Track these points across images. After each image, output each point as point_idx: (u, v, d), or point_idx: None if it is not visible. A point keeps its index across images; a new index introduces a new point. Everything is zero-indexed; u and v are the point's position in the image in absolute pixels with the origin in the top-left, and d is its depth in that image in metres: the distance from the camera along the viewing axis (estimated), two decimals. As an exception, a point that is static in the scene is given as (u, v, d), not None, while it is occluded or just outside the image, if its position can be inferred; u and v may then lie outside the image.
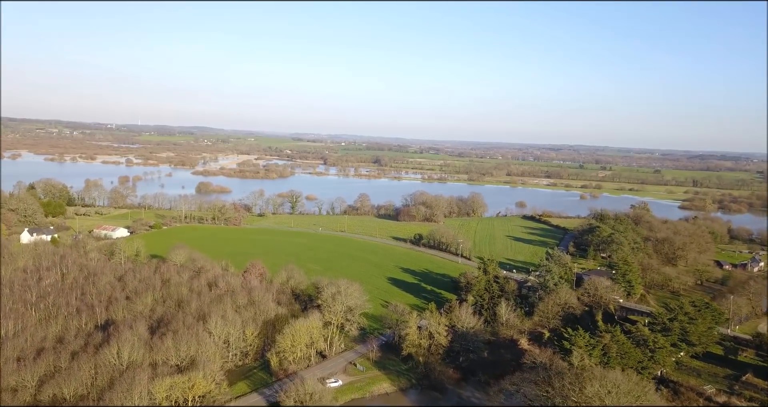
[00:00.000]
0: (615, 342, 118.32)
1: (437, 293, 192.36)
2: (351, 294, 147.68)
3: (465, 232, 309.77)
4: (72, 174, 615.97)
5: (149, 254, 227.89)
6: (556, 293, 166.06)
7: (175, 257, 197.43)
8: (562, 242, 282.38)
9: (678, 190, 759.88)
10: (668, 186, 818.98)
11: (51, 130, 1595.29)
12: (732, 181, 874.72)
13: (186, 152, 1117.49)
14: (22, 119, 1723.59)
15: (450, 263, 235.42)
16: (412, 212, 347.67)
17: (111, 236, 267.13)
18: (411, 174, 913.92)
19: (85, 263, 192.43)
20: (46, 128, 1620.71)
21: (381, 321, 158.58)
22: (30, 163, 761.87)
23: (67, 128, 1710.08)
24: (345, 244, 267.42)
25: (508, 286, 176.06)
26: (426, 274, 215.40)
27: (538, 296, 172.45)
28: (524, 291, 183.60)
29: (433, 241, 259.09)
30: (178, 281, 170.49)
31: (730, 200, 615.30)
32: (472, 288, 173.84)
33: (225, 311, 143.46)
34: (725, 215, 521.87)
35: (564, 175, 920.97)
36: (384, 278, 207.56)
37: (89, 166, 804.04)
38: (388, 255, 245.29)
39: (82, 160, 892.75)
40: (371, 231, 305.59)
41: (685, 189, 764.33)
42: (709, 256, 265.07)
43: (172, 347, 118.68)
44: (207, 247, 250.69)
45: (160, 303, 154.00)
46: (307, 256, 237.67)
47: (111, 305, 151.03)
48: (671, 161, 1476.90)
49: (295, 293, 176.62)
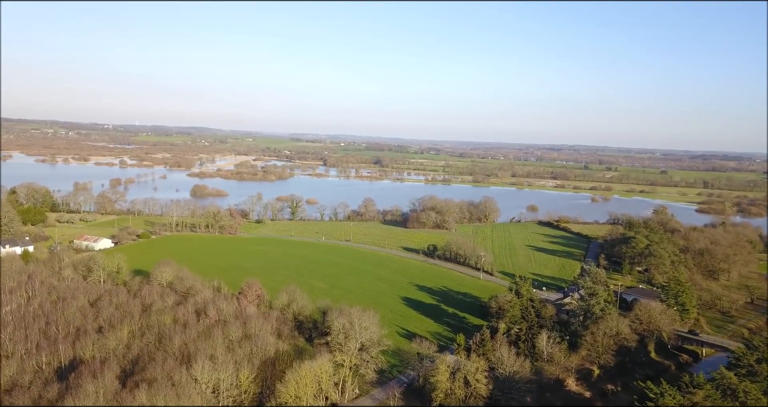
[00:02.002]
0: (707, 399, 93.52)
1: (461, 317, 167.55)
2: (366, 327, 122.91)
3: (481, 241, 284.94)
4: (62, 176, 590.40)
5: (133, 269, 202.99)
6: (605, 321, 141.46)
7: (160, 276, 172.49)
8: (589, 253, 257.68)
9: (690, 192, 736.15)
10: (679, 188, 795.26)
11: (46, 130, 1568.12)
12: (742, 182, 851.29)
13: (182, 152, 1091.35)
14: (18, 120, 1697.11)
15: (470, 279, 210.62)
16: (421, 219, 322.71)
17: (93, 247, 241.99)
18: (413, 175, 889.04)
19: (56, 283, 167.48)
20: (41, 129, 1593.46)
21: (399, 355, 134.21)
22: (19, 164, 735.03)
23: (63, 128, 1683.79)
24: (351, 256, 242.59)
25: (545, 311, 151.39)
26: (445, 293, 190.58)
27: (582, 323, 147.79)
28: (563, 316, 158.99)
29: (450, 253, 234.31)
30: (160, 307, 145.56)
31: (747, 202, 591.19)
32: (505, 314, 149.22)
33: (215, 349, 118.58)
34: (744, 218, 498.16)
35: (570, 176, 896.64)
36: (398, 298, 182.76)
37: (82, 167, 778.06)
38: (401, 269, 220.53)
39: (75, 161, 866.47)
40: (379, 240, 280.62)
41: (698, 191, 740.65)
42: (752, 268, 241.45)
43: (146, 402, 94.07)
44: (198, 260, 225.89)
45: (138, 337, 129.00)
46: (310, 271, 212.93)
47: (79, 339, 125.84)
48: (674, 161, 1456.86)
49: (297, 319, 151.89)
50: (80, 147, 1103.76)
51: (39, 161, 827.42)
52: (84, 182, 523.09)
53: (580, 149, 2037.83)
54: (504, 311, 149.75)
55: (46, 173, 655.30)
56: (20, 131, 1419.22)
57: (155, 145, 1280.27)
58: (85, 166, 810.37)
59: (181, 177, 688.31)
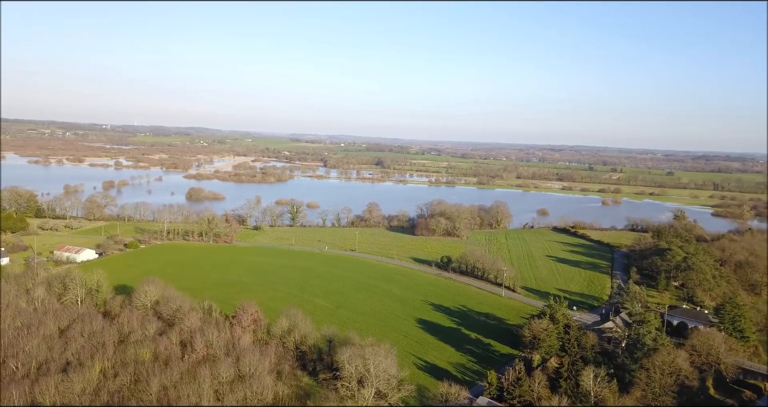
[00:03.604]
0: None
1: (485, 344, 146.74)
2: (383, 368, 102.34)
3: (496, 250, 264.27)
4: (53, 178, 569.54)
5: (116, 285, 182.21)
6: (660, 354, 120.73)
7: (143, 297, 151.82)
8: (616, 265, 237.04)
9: (701, 194, 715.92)
10: (689, 190, 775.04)
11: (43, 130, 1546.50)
12: (752, 184, 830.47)
13: (180, 153, 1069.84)
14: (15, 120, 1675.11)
15: (490, 296, 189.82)
16: (430, 226, 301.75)
17: (75, 259, 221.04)
18: (416, 177, 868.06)
19: (24, 306, 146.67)
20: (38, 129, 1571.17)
21: (421, 396, 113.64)
22: (11, 166, 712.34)
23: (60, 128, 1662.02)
24: (357, 269, 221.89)
25: (586, 340, 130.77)
26: (465, 313, 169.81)
27: (630, 355, 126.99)
28: (604, 345, 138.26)
29: (466, 265, 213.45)
30: (140, 337, 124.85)
31: (763, 205, 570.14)
32: (541, 345, 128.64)
33: (200, 396, 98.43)
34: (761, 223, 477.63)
35: (577, 178, 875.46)
36: (412, 320, 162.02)
37: (75, 169, 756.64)
38: (412, 284, 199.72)
39: (69, 162, 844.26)
40: (386, 250, 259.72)
41: (709, 193, 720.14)
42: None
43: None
44: (189, 274, 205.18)
45: (111, 378, 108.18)
46: (313, 287, 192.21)
47: (39, 381, 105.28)
48: (677, 162, 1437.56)
49: (299, 349, 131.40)
50: (76, 148, 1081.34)
51: (32, 163, 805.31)
52: (75, 185, 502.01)
53: (580, 149, 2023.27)
54: (539, 340, 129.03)
55: (37, 174, 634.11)
56: (16, 131, 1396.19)
57: (153, 145, 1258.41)
58: (80, 167, 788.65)
59: (177, 179, 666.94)
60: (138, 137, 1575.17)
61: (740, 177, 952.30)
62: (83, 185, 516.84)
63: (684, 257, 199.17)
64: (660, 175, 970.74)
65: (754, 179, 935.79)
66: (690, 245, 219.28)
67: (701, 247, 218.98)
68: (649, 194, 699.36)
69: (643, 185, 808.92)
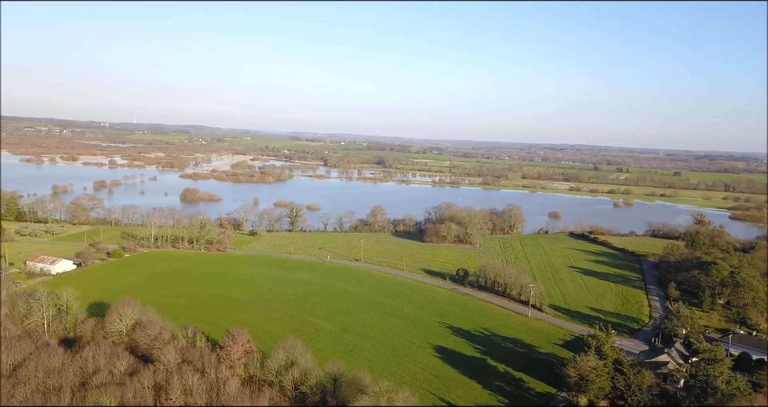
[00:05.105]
0: None
1: (516, 379, 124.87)
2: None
3: (514, 260, 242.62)
4: (43, 178, 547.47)
5: (91, 302, 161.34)
6: (737, 401, 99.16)
7: (117, 322, 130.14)
8: (647, 277, 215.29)
9: (714, 195, 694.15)
10: (700, 191, 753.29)
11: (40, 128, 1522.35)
12: (763, 185, 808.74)
13: (178, 152, 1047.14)
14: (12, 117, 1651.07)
15: (515, 316, 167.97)
16: (440, 232, 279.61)
17: (49, 270, 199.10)
18: (419, 177, 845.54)
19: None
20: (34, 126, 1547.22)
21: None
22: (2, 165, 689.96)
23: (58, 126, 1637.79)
24: (363, 282, 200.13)
25: (640, 379, 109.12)
26: (489, 339, 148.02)
27: (699, 400, 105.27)
28: (660, 383, 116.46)
29: (485, 280, 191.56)
30: (105, 380, 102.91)
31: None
32: (590, 386, 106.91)
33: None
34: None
35: (583, 178, 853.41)
36: (429, 348, 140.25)
37: (69, 168, 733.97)
38: (426, 302, 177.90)
39: (63, 161, 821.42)
40: (394, 260, 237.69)
41: (722, 195, 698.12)
42: None
43: None
44: (175, 289, 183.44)
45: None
46: (314, 304, 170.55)
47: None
48: (681, 161, 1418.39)
49: (299, 390, 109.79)
50: (71, 146, 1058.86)
51: (24, 161, 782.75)
52: (64, 185, 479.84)
53: (582, 148, 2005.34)
54: (588, 382, 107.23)
55: (27, 173, 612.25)
56: (13, 129, 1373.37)
57: (150, 144, 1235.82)
58: (73, 166, 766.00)
59: (173, 178, 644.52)
60: (135, 135, 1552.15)
61: (750, 178, 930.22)
62: (72, 185, 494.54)
63: (731, 271, 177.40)
64: (667, 175, 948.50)
65: (762, 179, 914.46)
66: (733, 256, 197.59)
67: (745, 259, 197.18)
68: (660, 196, 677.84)
69: (652, 185, 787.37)
